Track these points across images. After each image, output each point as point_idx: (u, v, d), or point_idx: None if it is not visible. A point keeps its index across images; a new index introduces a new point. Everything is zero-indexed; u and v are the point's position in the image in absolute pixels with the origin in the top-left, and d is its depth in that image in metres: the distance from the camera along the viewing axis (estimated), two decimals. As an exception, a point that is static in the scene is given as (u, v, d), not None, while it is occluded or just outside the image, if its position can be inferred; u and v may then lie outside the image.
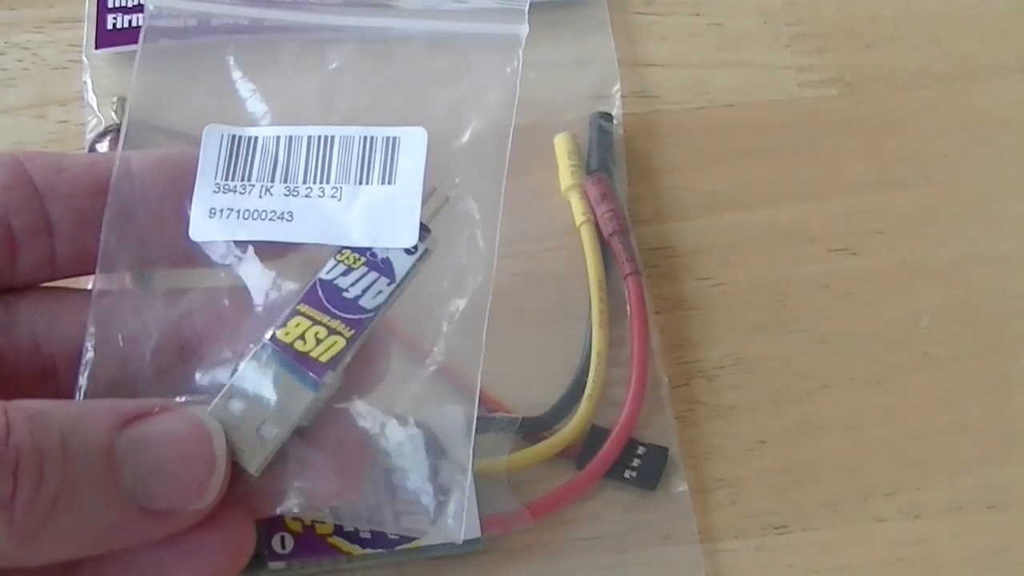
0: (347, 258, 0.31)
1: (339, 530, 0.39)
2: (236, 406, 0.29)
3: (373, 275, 0.31)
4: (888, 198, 0.46)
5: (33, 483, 0.24)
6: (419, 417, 0.39)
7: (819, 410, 0.42)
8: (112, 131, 0.46)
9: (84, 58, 0.47)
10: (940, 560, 0.41)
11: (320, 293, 0.31)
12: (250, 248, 0.31)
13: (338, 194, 0.32)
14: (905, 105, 0.47)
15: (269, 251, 0.31)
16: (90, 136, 0.46)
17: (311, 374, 0.30)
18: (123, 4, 0.49)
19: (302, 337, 0.30)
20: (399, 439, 0.32)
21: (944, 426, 0.42)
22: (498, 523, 0.40)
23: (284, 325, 0.30)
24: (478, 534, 0.40)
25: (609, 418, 0.42)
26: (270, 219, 0.31)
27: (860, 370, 0.43)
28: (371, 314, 0.31)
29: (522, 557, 0.40)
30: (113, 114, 0.46)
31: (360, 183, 0.32)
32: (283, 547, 0.39)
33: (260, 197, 0.32)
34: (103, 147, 0.46)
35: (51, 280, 0.31)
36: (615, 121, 0.46)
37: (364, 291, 0.31)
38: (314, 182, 0.32)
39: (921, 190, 0.46)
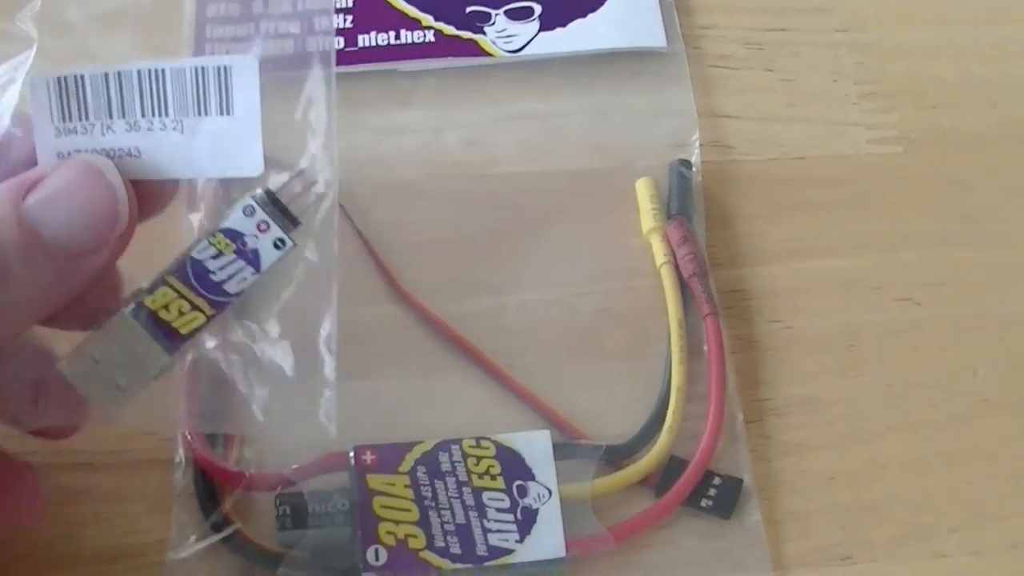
0: (219, 242, 0.33)
1: (431, 545, 0.41)
2: (98, 355, 0.32)
3: (240, 263, 0.33)
4: (949, 253, 0.48)
5: None
6: (505, 440, 0.42)
7: (884, 451, 0.45)
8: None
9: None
10: (998, 596, 0.43)
11: (189, 270, 0.33)
12: None
13: (179, 127, 0.33)
14: (965, 165, 0.50)
15: None
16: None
17: (169, 342, 0.33)
18: (221, 37, 0.51)
19: (167, 307, 0.33)
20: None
21: (1001, 470, 0.45)
22: (582, 544, 0.42)
23: (152, 293, 0.33)
24: (562, 554, 0.41)
25: (686, 449, 0.44)
26: (118, 156, 0.33)
27: (922, 414, 0.45)
28: (232, 298, 0.33)
29: (604, 578, 0.42)
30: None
31: (199, 114, 0.33)
32: (376, 559, 0.41)
33: (103, 135, 0.33)
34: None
35: None
36: (694, 168, 0.48)
37: (230, 276, 0.33)
38: (154, 115, 0.33)
39: (980, 247, 0.49)
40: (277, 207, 0.34)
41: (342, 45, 0.50)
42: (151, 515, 0.43)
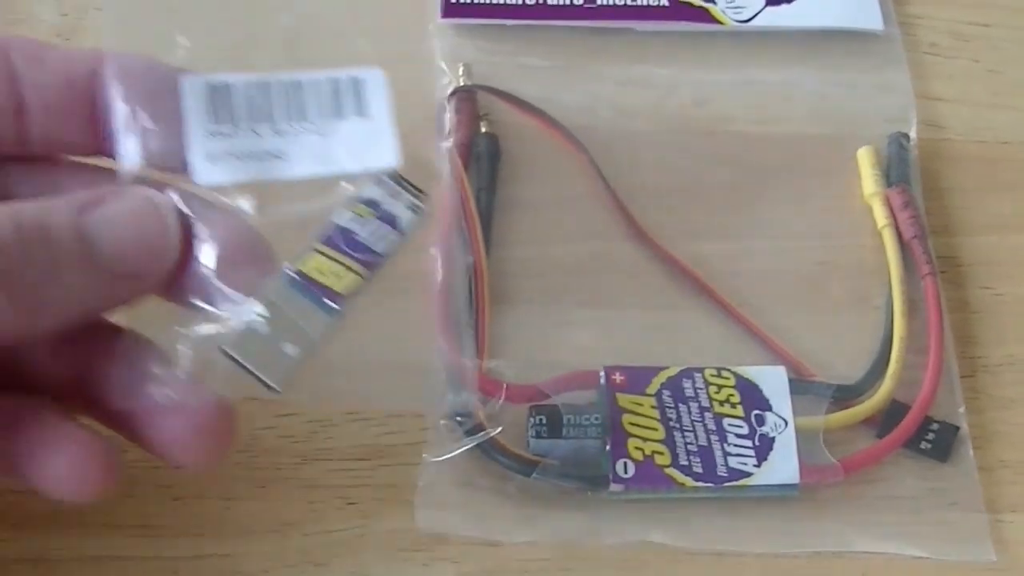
0: (360, 210, 0.36)
1: (675, 462, 0.44)
2: (260, 327, 0.33)
3: (384, 226, 0.35)
4: None
5: (25, 259, 0.30)
6: (744, 372, 0.45)
7: (1086, 411, 0.48)
8: (460, 91, 0.51)
9: (432, 27, 0.52)
10: None
11: (337, 236, 0.35)
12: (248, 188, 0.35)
13: (319, 130, 0.35)
14: None
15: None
16: (439, 95, 0.50)
17: (330, 302, 0.34)
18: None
19: (320, 271, 0.34)
20: None
21: None
22: (814, 472, 0.45)
23: (303, 260, 0.34)
24: (796, 480, 0.44)
25: (907, 396, 0.47)
26: (265, 159, 0.35)
27: None
28: (381, 258, 0.35)
29: (830, 507, 0.45)
30: (460, 78, 0.52)
31: (337, 118, 0.36)
32: (625, 472, 0.44)
33: (250, 139, 0.35)
34: (450, 107, 0.51)
35: (23, 155, 0.35)
36: (911, 142, 0.52)
37: (375, 238, 0.35)
38: (295, 121, 0.35)
39: None
40: (405, 181, 0.36)
41: (582, 1, 0.53)
42: (405, 418, 0.45)
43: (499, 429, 0.44)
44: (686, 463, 0.44)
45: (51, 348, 0.35)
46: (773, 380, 0.46)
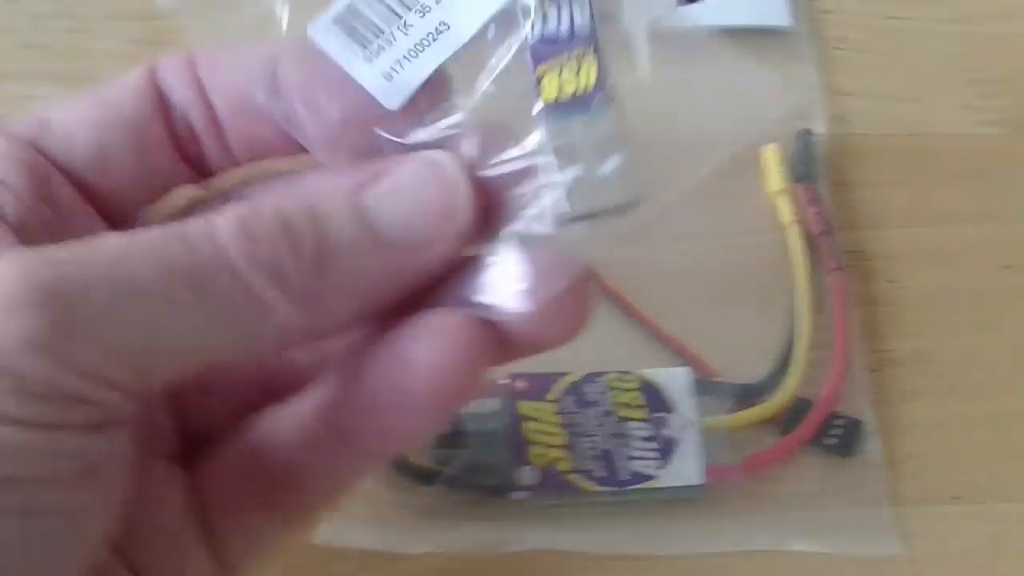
0: (534, 12, 0.31)
1: (577, 468, 0.44)
2: (564, 170, 0.29)
3: (564, 9, 0.31)
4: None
5: (292, 251, 0.27)
6: (647, 375, 0.45)
7: (992, 401, 0.48)
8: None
9: None
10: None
11: (540, 47, 0.31)
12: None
13: None
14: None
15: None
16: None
17: (593, 101, 0.30)
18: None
19: (559, 87, 0.30)
20: None
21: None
22: (718, 473, 0.45)
23: (537, 92, 0.30)
24: (701, 481, 0.45)
25: (811, 392, 0.47)
26: (432, 41, 0.31)
27: (1030, 370, 0.49)
28: (591, 28, 0.31)
29: (736, 506, 0.45)
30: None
31: None
32: (527, 479, 0.44)
33: (406, 34, 0.31)
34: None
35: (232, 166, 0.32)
36: (818, 138, 0.52)
37: (571, 22, 0.31)
38: None
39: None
40: None
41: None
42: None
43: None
44: (588, 468, 0.44)
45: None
46: (677, 381, 0.46)
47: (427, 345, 0.28)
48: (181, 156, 0.32)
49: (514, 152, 0.30)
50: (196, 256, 0.26)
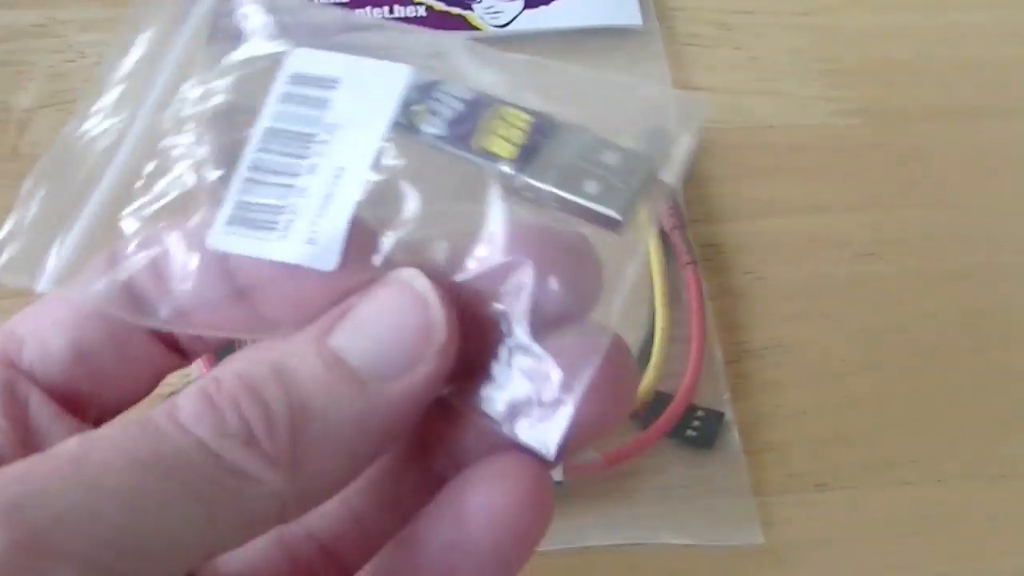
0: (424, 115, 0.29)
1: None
2: (586, 187, 0.28)
3: (444, 97, 0.29)
4: (909, 213, 0.52)
5: (262, 413, 0.24)
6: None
7: (851, 388, 0.48)
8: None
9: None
10: (958, 519, 0.46)
11: (453, 131, 0.29)
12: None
13: None
14: (921, 136, 0.54)
15: None
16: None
17: (544, 128, 0.29)
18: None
19: (507, 140, 0.29)
20: None
21: (959, 405, 0.48)
22: (576, 468, 0.45)
23: (494, 158, 0.28)
24: (560, 477, 0.44)
25: (670, 386, 0.47)
26: (335, 189, 0.29)
27: (885, 355, 0.49)
28: (478, 92, 0.29)
29: (598, 499, 0.45)
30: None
31: None
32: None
33: (307, 198, 0.29)
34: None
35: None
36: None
37: (460, 98, 0.29)
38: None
39: (933, 208, 0.53)
40: None
41: (339, 17, 0.53)
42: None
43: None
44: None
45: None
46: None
47: (488, 494, 0.26)
48: (159, 339, 0.29)
49: (481, 250, 0.28)
50: (163, 442, 0.23)
